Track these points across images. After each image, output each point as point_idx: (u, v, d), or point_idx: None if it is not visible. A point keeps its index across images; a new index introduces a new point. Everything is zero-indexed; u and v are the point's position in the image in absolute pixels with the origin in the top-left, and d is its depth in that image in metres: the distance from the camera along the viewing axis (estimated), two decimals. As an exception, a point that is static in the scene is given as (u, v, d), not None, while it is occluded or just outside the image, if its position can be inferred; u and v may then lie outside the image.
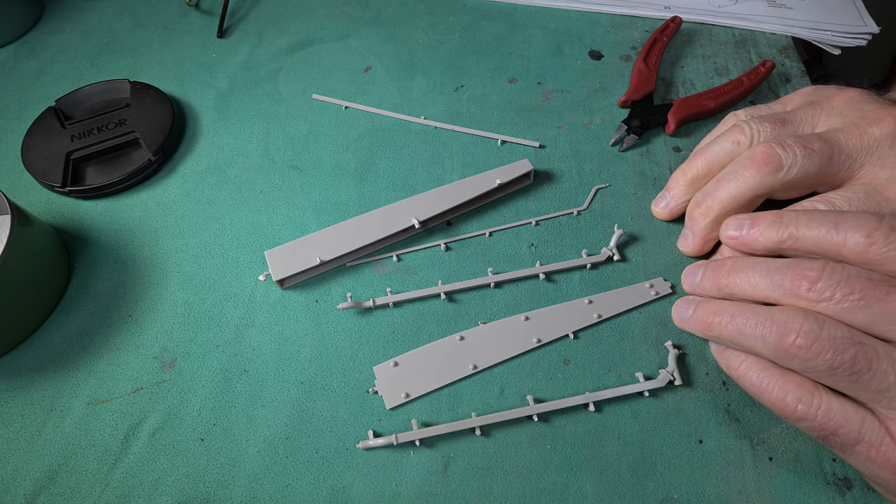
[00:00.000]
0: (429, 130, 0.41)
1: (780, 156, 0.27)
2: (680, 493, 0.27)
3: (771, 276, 0.24)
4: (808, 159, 0.27)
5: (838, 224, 0.23)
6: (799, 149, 0.27)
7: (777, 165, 0.27)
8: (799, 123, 0.30)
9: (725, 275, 0.27)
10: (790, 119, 0.30)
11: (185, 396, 0.30)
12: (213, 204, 0.38)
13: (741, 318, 0.25)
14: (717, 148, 0.31)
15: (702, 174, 0.32)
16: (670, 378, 0.29)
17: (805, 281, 0.23)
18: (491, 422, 0.28)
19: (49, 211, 0.38)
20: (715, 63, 0.44)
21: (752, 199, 0.29)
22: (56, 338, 0.33)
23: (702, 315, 0.27)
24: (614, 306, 0.32)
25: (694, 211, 0.31)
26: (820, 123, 0.30)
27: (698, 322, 0.27)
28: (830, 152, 0.27)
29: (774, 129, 0.30)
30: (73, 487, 0.28)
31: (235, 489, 0.28)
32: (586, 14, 0.48)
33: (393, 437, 0.28)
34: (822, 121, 0.30)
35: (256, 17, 0.51)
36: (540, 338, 0.31)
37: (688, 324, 0.28)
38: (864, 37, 0.45)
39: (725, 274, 0.27)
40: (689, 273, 0.30)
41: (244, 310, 0.33)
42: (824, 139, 0.28)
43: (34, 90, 0.46)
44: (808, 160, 0.27)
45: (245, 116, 0.43)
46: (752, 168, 0.28)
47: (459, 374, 0.30)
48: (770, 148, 0.28)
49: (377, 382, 0.30)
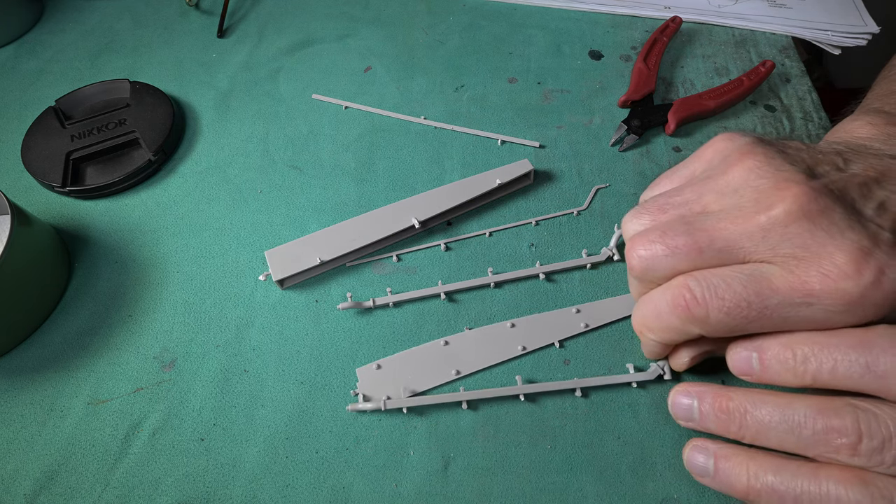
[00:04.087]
0: (429, 130, 0.41)
1: (640, 257, 0.24)
2: (680, 493, 0.27)
3: (798, 434, 0.21)
4: (670, 258, 0.24)
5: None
6: (660, 247, 0.24)
7: (642, 269, 0.25)
8: (683, 206, 0.25)
9: (737, 424, 0.23)
10: (671, 203, 0.25)
11: (185, 396, 0.30)
12: (213, 204, 0.38)
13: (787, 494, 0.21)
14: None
15: None
16: (660, 372, 0.29)
17: (845, 447, 0.20)
18: (479, 397, 0.29)
19: (49, 211, 0.39)
20: (715, 63, 0.44)
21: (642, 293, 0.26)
22: (56, 338, 0.33)
23: (730, 478, 0.23)
24: (602, 316, 0.32)
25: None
26: (711, 203, 0.24)
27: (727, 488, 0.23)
28: (698, 247, 0.23)
29: (653, 220, 0.26)
30: (73, 487, 0.28)
31: (235, 489, 0.28)
32: (586, 14, 0.48)
33: (381, 401, 0.29)
34: (714, 199, 0.24)
35: (256, 17, 0.51)
36: (525, 346, 0.31)
37: (713, 486, 0.24)
38: (864, 37, 0.45)
39: (737, 423, 0.23)
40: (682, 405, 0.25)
41: (244, 310, 0.33)
42: (693, 231, 0.23)
43: (34, 90, 0.46)
44: (672, 258, 0.24)
45: (245, 116, 0.43)
46: (629, 271, 0.26)
47: (442, 379, 0.30)
48: (632, 247, 0.25)
49: (359, 385, 0.30)
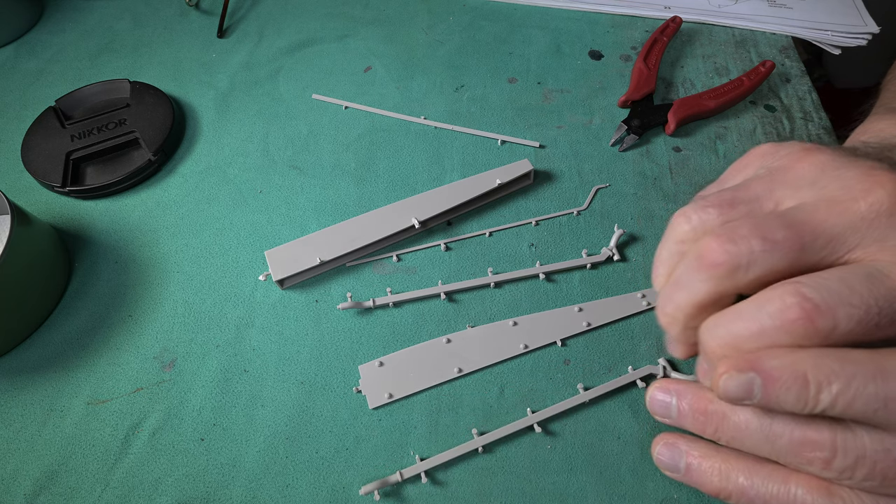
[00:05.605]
0: (429, 130, 0.41)
1: (731, 254, 0.21)
2: (680, 493, 0.27)
3: (773, 443, 0.21)
4: (770, 254, 0.20)
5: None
6: (756, 241, 0.21)
7: (730, 267, 0.21)
8: (753, 201, 0.23)
9: (714, 427, 0.22)
10: (740, 198, 0.23)
11: (185, 396, 0.30)
12: (213, 204, 0.38)
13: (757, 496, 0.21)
14: (665, 252, 0.25)
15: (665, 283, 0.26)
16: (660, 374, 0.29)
17: (819, 461, 0.20)
18: (492, 440, 0.28)
19: (49, 211, 0.38)
20: (715, 63, 0.44)
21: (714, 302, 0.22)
22: (56, 338, 0.33)
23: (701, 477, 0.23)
24: (604, 315, 0.32)
25: (661, 320, 0.25)
26: (785, 197, 0.22)
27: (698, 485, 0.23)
28: (801, 241, 0.20)
29: (721, 215, 0.23)
30: (73, 487, 0.28)
31: (235, 489, 0.28)
32: (586, 14, 0.48)
33: (397, 474, 0.27)
34: (788, 194, 0.22)
35: (256, 17, 0.51)
36: (527, 344, 0.31)
37: (683, 481, 0.24)
38: (864, 37, 0.45)
39: (713, 425, 0.22)
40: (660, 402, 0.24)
41: (244, 310, 0.33)
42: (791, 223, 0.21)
43: (34, 90, 0.46)
44: (772, 255, 0.20)
45: (245, 116, 0.43)
46: (701, 271, 0.22)
47: (444, 376, 0.30)
48: (718, 244, 0.21)
49: (361, 382, 0.30)
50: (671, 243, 0.24)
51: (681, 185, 0.37)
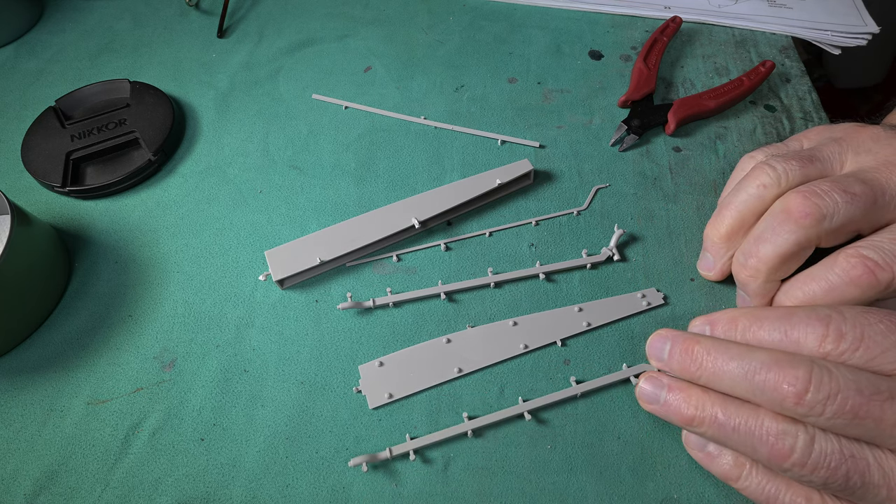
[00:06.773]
0: (429, 130, 0.41)
1: (818, 206, 0.25)
2: (680, 493, 0.27)
3: (750, 379, 0.22)
4: (850, 205, 0.25)
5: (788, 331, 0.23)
6: (839, 194, 0.25)
7: (818, 217, 0.25)
8: (827, 161, 0.27)
9: (697, 364, 0.24)
10: (817, 156, 0.27)
11: (185, 396, 0.30)
12: (213, 204, 0.38)
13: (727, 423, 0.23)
14: (744, 195, 0.28)
15: (735, 228, 0.29)
16: None
17: (791, 395, 0.21)
18: (483, 423, 0.28)
19: (49, 211, 0.39)
20: (715, 63, 0.44)
21: (796, 254, 0.26)
22: (56, 338, 0.33)
23: (678, 407, 0.24)
24: (604, 315, 0.32)
25: (741, 274, 0.29)
26: (848, 161, 0.27)
27: (674, 414, 0.24)
28: (874, 195, 0.25)
29: (803, 167, 0.27)
30: (73, 487, 0.28)
31: (235, 489, 0.28)
32: (586, 14, 0.48)
33: (387, 451, 0.27)
34: (851, 158, 0.27)
35: (256, 17, 0.51)
36: (527, 344, 0.31)
37: (660, 413, 0.25)
38: (864, 37, 0.45)
39: (697, 363, 0.24)
40: (656, 346, 0.26)
41: (244, 310, 0.33)
42: (863, 180, 0.25)
43: (34, 90, 0.46)
44: (852, 206, 0.25)
45: (245, 116, 0.43)
46: (789, 223, 0.26)
47: (444, 376, 0.30)
48: (806, 198, 0.25)
49: (361, 382, 0.30)
50: (752, 187, 0.28)
51: (681, 185, 0.37)
